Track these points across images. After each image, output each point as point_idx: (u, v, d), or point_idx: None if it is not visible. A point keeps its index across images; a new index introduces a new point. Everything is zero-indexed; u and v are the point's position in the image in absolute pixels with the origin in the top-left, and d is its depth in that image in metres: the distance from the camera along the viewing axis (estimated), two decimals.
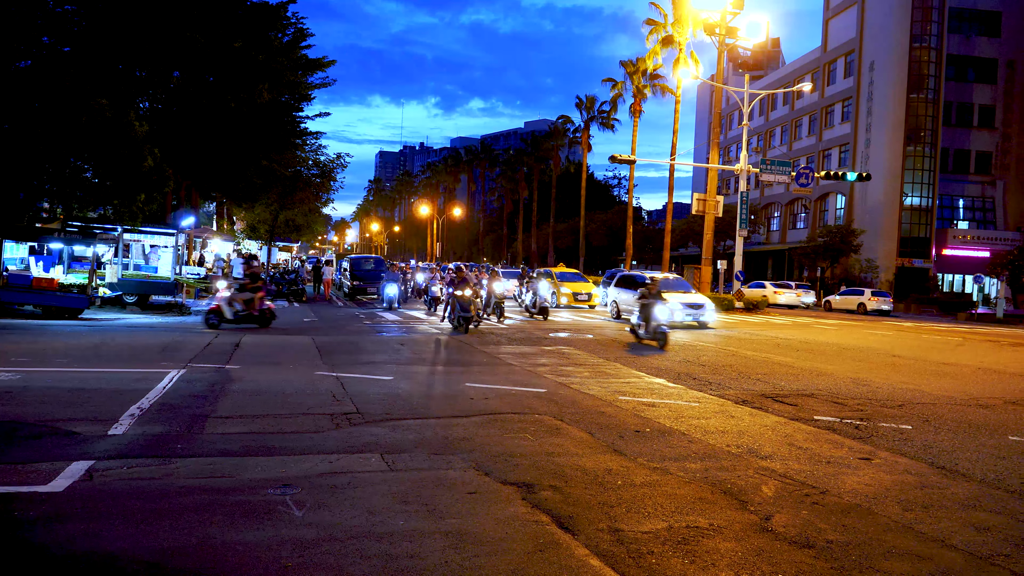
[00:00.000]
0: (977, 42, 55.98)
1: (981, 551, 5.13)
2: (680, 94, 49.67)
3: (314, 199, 41.80)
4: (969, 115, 56.63)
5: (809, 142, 64.15)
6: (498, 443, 7.68)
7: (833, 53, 60.96)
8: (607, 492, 6.13)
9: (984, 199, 56.81)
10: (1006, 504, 6.25)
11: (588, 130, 69.58)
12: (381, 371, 12.31)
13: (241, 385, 10.50)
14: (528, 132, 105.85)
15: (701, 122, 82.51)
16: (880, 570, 4.72)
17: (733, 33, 35.31)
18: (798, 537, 5.26)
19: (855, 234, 51.93)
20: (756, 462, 7.31)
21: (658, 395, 11.04)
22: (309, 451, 7.10)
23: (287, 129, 37.11)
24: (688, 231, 63.48)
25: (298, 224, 51.86)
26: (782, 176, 36.10)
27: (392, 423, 8.45)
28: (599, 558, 4.71)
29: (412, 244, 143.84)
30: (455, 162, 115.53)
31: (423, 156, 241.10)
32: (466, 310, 19.52)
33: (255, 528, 5.02)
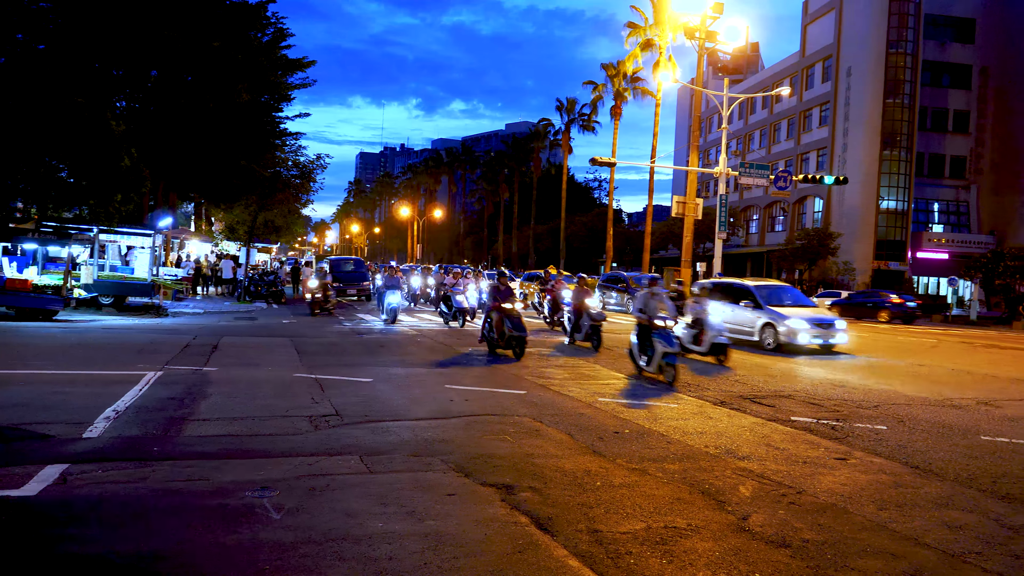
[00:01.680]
0: (952, 48, 56.67)
1: (954, 549, 5.20)
2: (660, 97, 49.91)
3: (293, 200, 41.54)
4: (944, 120, 57.31)
5: (787, 145, 64.64)
6: (477, 445, 7.68)
7: (811, 58, 61.48)
8: (586, 493, 6.14)
9: (958, 203, 57.51)
10: (978, 503, 6.33)
11: (569, 132, 69.72)
12: (361, 372, 12.26)
13: (219, 387, 10.42)
14: (509, 134, 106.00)
15: (681, 125, 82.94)
16: (855, 568, 4.77)
17: (713, 37, 35.50)
18: (775, 536, 5.30)
19: (832, 237, 52.38)
20: (734, 463, 7.36)
21: (637, 396, 11.08)
22: (287, 453, 7.06)
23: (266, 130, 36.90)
24: (668, 233, 63.75)
25: (277, 225, 51.52)
26: (761, 179, 36.32)
27: (371, 425, 8.43)
28: (578, 559, 4.73)
29: (392, 246, 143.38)
30: (436, 164, 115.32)
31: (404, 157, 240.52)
32: (520, 328, 15.15)
33: (233, 531, 4.99)
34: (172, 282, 27.30)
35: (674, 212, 37.26)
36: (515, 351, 15.15)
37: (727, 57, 36.10)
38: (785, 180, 34.77)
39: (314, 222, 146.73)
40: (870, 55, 53.76)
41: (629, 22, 48.61)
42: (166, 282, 25.95)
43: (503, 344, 15.41)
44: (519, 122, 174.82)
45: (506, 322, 15.26)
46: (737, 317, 19.47)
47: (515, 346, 15.19)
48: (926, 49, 54.39)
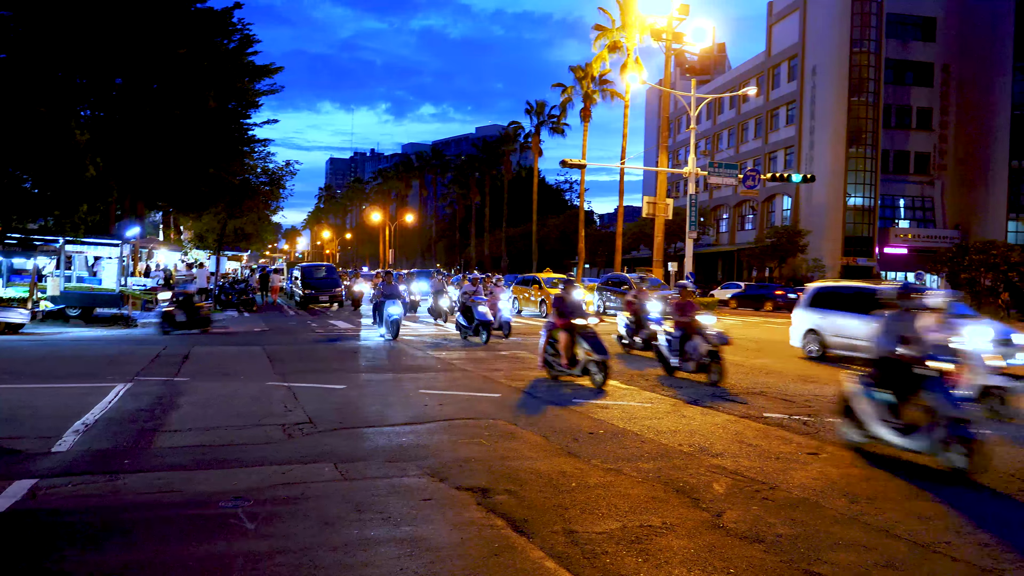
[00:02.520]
0: (914, 46, 57.60)
1: (923, 539, 5.29)
2: (629, 99, 50.19)
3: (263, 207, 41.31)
4: (908, 117, 58.23)
5: (755, 145, 65.31)
6: (453, 449, 7.68)
7: (777, 58, 62.17)
8: (561, 494, 6.17)
9: (923, 198, 58.44)
10: (946, 493, 6.44)
11: (539, 135, 69.88)
12: (334, 379, 12.20)
13: (190, 397, 10.32)
14: (480, 138, 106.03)
15: (650, 126, 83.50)
16: (828, 561, 4.84)
17: (679, 38, 35.77)
18: (749, 532, 5.36)
19: (801, 234, 52.99)
20: (708, 460, 7.42)
21: (611, 396, 11.12)
22: (261, 462, 7.02)
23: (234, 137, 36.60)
24: (639, 234, 64.14)
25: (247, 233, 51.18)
26: (729, 179, 36.67)
27: (346, 432, 8.39)
28: (554, 560, 4.75)
29: (364, 251, 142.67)
30: (407, 168, 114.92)
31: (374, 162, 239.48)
32: (600, 349, 11.71)
33: (206, 542, 4.95)
34: (141, 292, 26.97)
35: (645, 213, 37.50)
36: (595, 378, 11.78)
37: (694, 58, 36.37)
38: (754, 179, 35.13)
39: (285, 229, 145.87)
40: (834, 54, 54.50)
41: (596, 24, 48.83)
42: (135, 292, 25.63)
43: (575, 370, 12.06)
44: (489, 125, 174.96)
45: (581, 342, 11.89)
46: None
47: (595, 372, 11.76)
48: (889, 47, 55.24)
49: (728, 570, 4.66)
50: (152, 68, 28.16)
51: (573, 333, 12.10)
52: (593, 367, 11.79)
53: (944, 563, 4.87)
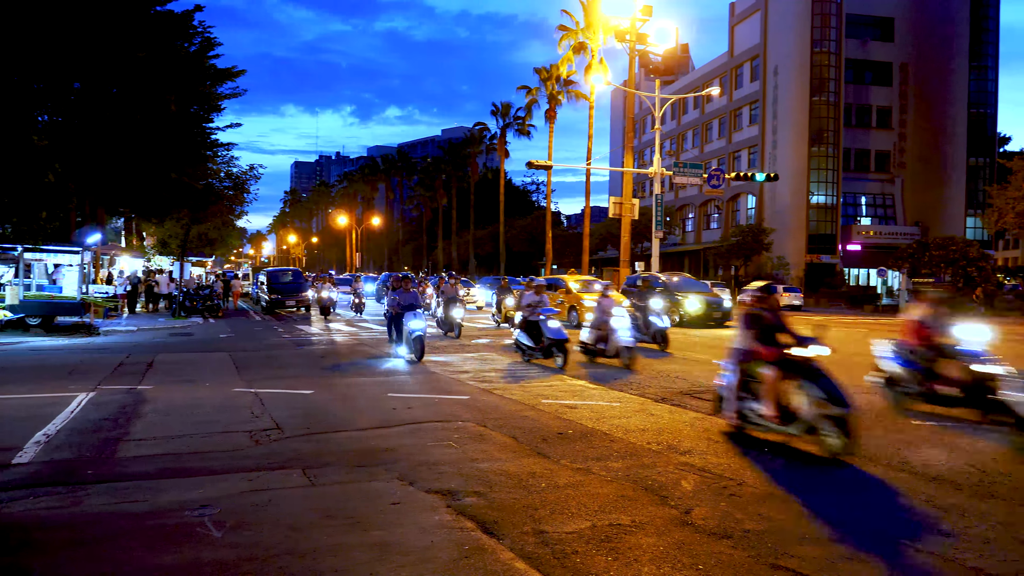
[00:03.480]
0: (873, 46, 58.60)
1: (888, 532, 5.37)
2: (594, 100, 50.42)
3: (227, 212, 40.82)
4: (868, 116, 59.21)
5: (720, 144, 65.96)
6: (422, 452, 7.65)
7: (740, 58, 62.86)
8: (531, 495, 6.18)
9: (884, 196, 59.45)
10: (909, 486, 6.55)
11: (505, 137, 69.97)
12: (302, 384, 12.10)
13: (155, 405, 10.17)
14: (446, 140, 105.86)
15: (616, 127, 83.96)
16: (795, 556, 4.90)
17: (643, 39, 36.03)
18: (717, 528, 5.41)
19: (766, 233, 53.62)
20: (676, 458, 7.48)
21: (580, 396, 11.17)
22: (228, 470, 6.94)
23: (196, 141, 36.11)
24: (607, 234, 64.46)
25: (211, 238, 50.55)
26: (694, 178, 37.01)
27: (314, 437, 8.33)
28: (524, 560, 4.75)
29: (331, 255, 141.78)
30: (372, 171, 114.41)
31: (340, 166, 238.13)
32: (841, 399, 7.46)
33: (173, 552, 4.88)
34: (103, 299, 26.53)
35: (611, 213, 37.69)
36: (829, 442, 7.49)
37: (658, 59, 36.64)
38: (718, 178, 35.49)
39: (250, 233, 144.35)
40: (795, 54, 55.23)
41: (560, 25, 49.07)
42: (96, 300, 25.21)
43: (792, 428, 7.86)
44: (455, 127, 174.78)
45: (807, 387, 7.67)
46: None
47: (829, 434, 7.47)
48: (848, 47, 56.12)
49: (696, 567, 4.70)
50: (111, 72, 27.70)
51: (791, 370, 7.88)
52: (827, 426, 7.43)
53: (908, 553, 4.95)
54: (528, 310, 15.55)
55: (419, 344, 15.32)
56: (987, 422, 8.90)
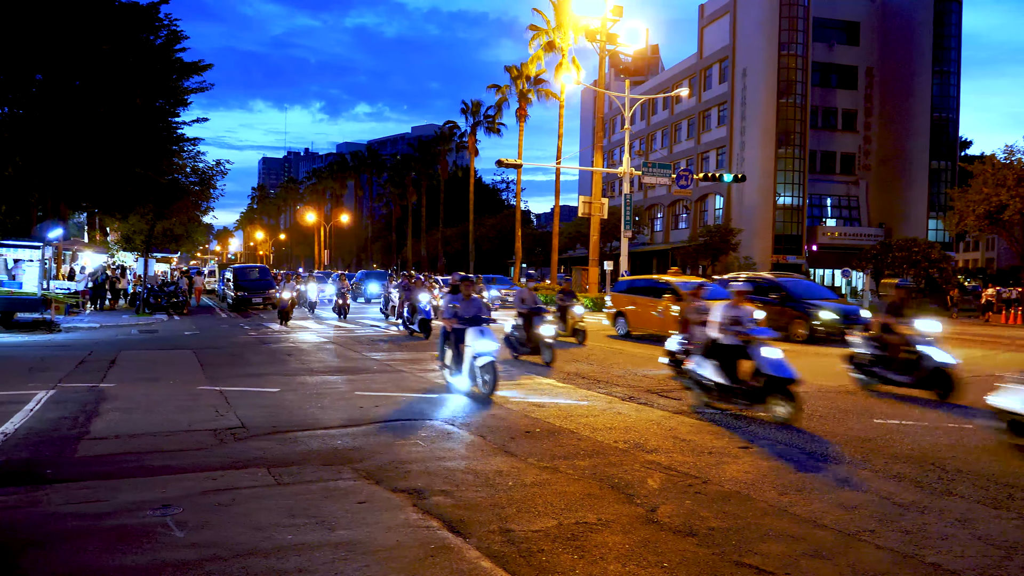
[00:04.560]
0: (839, 50, 59.38)
1: (849, 528, 5.44)
2: (564, 99, 50.55)
3: (193, 208, 40.26)
4: (834, 119, 60.01)
5: (688, 145, 66.44)
6: (389, 451, 7.61)
7: (708, 60, 63.36)
8: (498, 493, 6.17)
9: (849, 198, 60.30)
10: (871, 483, 6.65)
11: (475, 135, 69.83)
12: (268, 383, 11.98)
13: (117, 404, 10.01)
14: (415, 137, 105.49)
15: (586, 126, 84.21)
16: (758, 552, 4.94)
17: (613, 39, 36.19)
18: (682, 526, 5.45)
19: (733, 233, 54.12)
20: (642, 456, 7.52)
21: (548, 395, 11.19)
22: (191, 469, 6.85)
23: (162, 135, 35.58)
24: (576, 233, 64.63)
25: (177, 234, 49.80)
26: (663, 178, 37.25)
27: (279, 436, 8.25)
28: (490, 559, 4.75)
29: (299, 252, 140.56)
30: (341, 168, 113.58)
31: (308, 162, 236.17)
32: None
33: (133, 552, 4.80)
34: (65, 295, 26.05)
35: (581, 212, 37.82)
36: None
37: (628, 59, 36.80)
38: (687, 179, 35.75)
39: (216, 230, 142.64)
40: (763, 57, 55.79)
41: (531, 24, 49.07)
42: (58, 296, 24.76)
43: None
44: (425, 125, 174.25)
45: None
46: None
47: None
48: (815, 51, 56.81)
49: (662, 564, 4.72)
50: (74, 64, 27.20)
51: None
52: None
53: (868, 550, 5.02)
54: (722, 327, 9.83)
55: (490, 373, 10.82)
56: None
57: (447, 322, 11.66)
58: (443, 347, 12.08)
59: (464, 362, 11.09)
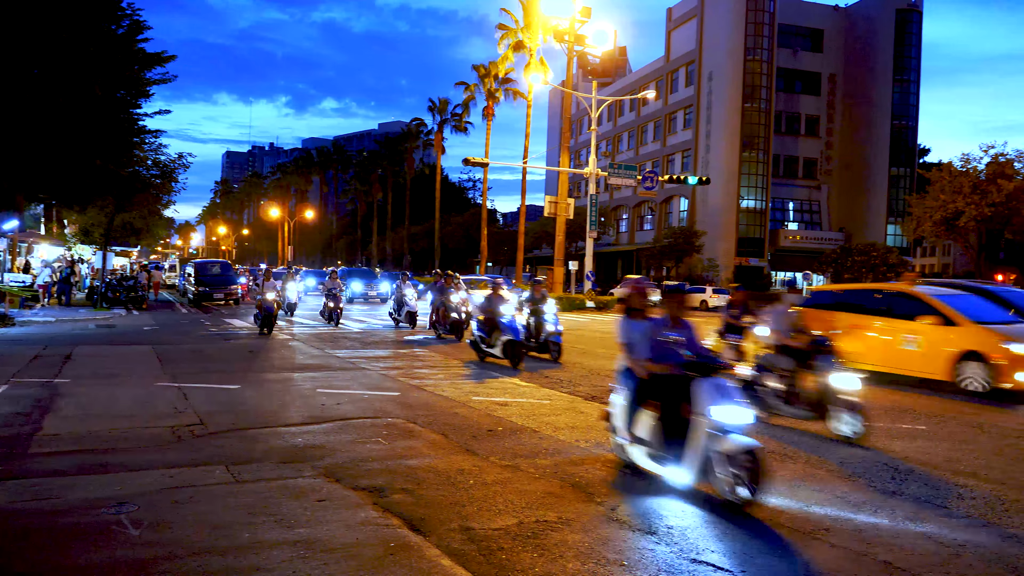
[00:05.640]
0: (803, 56, 60.29)
1: (804, 527, 5.53)
2: (532, 99, 50.64)
3: (154, 201, 39.58)
4: (797, 124, 60.90)
5: (655, 147, 66.96)
6: (350, 449, 7.58)
7: (675, 63, 63.91)
8: (459, 492, 6.17)
9: (811, 202, 61.23)
10: (825, 482, 6.76)
11: (442, 133, 69.72)
12: (228, 379, 11.85)
13: (72, 400, 9.83)
14: (382, 134, 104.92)
15: (553, 126, 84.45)
16: (715, 550, 5.02)
17: (582, 40, 36.35)
18: (642, 524, 5.50)
19: (697, 235, 54.69)
20: (603, 455, 7.56)
21: (511, 394, 11.21)
22: (148, 466, 6.75)
23: (123, 127, 34.96)
24: (542, 233, 64.82)
25: (137, 228, 48.99)
26: (629, 180, 37.50)
27: (239, 433, 8.16)
28: (450, 557, 4.75)
29: (262, 247, 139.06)
30: (307, 163, 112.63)
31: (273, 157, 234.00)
32: None
33: (87, 551, 4.72)
34: (19, 289, 25.51)
35: (546, 212, 37.93)
36: None
37: (596, 60, 36.97)
38: (652, 180, 36.02)
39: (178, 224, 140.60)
40: (729, 61, 56.44)
41: (500, 24, 49.08)
42: (12, 289, 24.24)
43: None
44: (392, 122, 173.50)
45: None
46: None
47: None
48: (780, 56, 57.61)
49: (621, 562, 4.76)
50: (32, 53, 26.62)
51: None
52: None
53: (823, 549, 5.11)
54: None
55: (752, 463, 5.91)
56: None
57: (646, 366, 6.69)
58: (632, 407, 6.84)
59: (692, 442, 6.20)
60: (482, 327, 15.09)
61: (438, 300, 19.98)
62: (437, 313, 20.00)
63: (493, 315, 14.73)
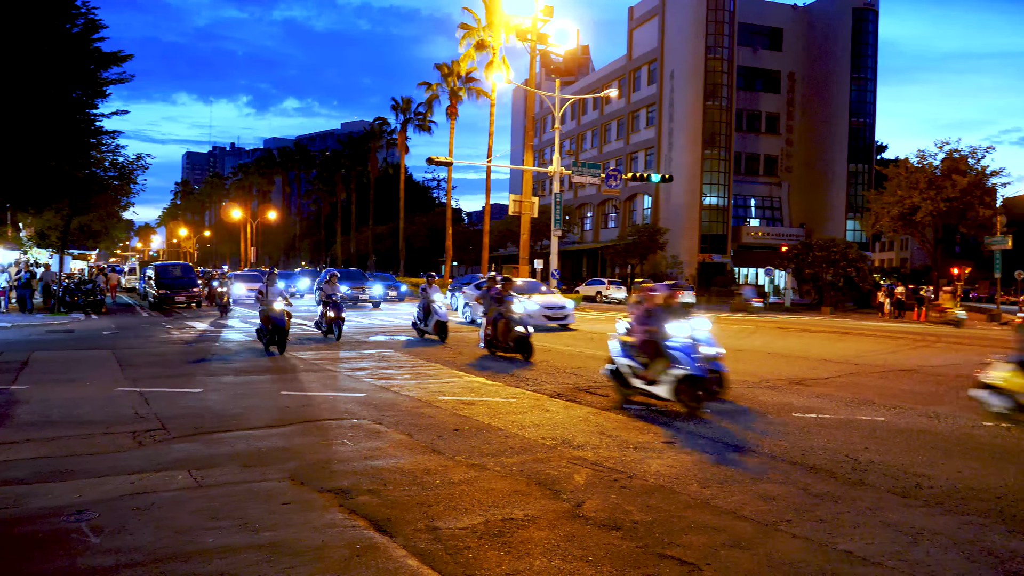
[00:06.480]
0: (763, 55, 60.99)
1: (767, 519, 5.62)
2: (495, 97, 50.63)
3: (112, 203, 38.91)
4: (758, 122, 61.61)
5: (618, 145, 67.30)
6: (315, 451, 7.53)
7: (638, 61, 64.28)
8: (425, 492, 6.17)
9: (772, 199, 62.00)
10: (789, 475, 6.87)
11: (405, 132, 69.39)
12: (190, 383, 11.70)
13: (29, 407, 9.64)
14: (345, 133, 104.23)
15: (517, 125, 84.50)
16: (681, 544, 5.06)
17: (544, 39, 36.43)
18: (607, 520, 5.53)
19: (661, 232, 55.09)
20: (569, 452, 7.60)
21: (477, 393, 11.21)
22: (108, 473, 6.65)
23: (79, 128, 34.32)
24: (507, 232, 64.84)
25: (95, 230, 48.14)
26: (593, 178, 37.66)
27: (201, 437, 8.07)
28: (417, 557, 4.75)
29: (225, 249, 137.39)
30: (269, 164, 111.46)
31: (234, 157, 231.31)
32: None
33: (46, 560, 4.65)
34: None
35: (511, 211, 37.96)
36: None
37: (559, 59, 37.08)
38: (616, 178, 36.20)
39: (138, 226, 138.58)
40: (690, 60, 56.90)
41: (462, 23, 48.96)
42: None
43: None
44: (355, 121, 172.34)
45: None
46: None
47: None
48: (741, 55, 58.22)
49: (587, 558, 4.80)
50: None
51: None
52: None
53: (785, 540, 5.19)
54: None
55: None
56: None
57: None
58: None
59: None
60: (633, 350, 10.38)
61: (495, 312, 15.99)
62: (494, 327, 15.95)
63: (657, 336, 9.92)
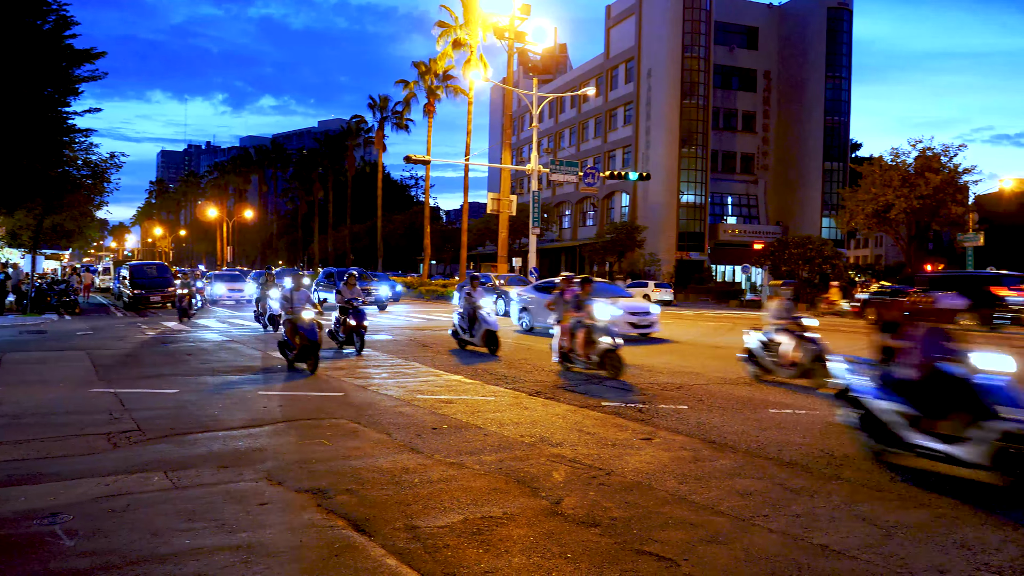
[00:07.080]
0: (739, 54, 61.41)
1: (744, 514, 5.66)
2: (473, 96, 50.58)
3: (86, 202, 38.45)
4: (734, 120, 62.04)
5: (596, 143, 67.50)
6: (293, 451, 7.49)
7: (615, 60, 64.49)
8: (404, 491, 6.16)
9: (749, 196, 62.47)
10: (765, 470, 6.93)
11: (383, 130, 69.11)
12: (166, 384, 11.60)
13: (1, 409, 9.51)
14: (322, 132, 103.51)
15: (495, 123, 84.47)
16: (659, 540, 5.09)
17: (522, 37, 36.43)
18: (586, 517, 5.55)
19: (639, 230, 55.32)
20: (548, 450, 7.62)
21: (455, 392, 11.20)
22: (83, 475, 6.57)
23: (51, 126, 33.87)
24: (485, 230, 64.85)
25: (68, 230, 47.53)
26: (571, 176, 37.73)
27: (177, 438, 8.00)
28: (395, 557, 4.74)
29: (201, 248, 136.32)
30: (245, 162, 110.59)
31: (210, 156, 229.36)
32: None
33: (18, 564, 4.59)
34: None
35: (489, 209, 37.95)
36: None
37: (537, 57, 37.08)
38: (593, 176, 36.29)
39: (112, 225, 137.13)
40: (667, 58, 57.17)
41: (440, 21, 48.86)
42: None
43: None
44: (332, 119, 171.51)
45: None
46: None
47: None
48: (717, 54, 58.58)
49: (565, 555, 4.81)
50: None
51: None
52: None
53: (762, 534, 5.24)
54: None
55: None
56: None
57: None
58: None
59: None
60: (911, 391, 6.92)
61: (573, 319, 13.27)
62: (571, 338, 13.31)
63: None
